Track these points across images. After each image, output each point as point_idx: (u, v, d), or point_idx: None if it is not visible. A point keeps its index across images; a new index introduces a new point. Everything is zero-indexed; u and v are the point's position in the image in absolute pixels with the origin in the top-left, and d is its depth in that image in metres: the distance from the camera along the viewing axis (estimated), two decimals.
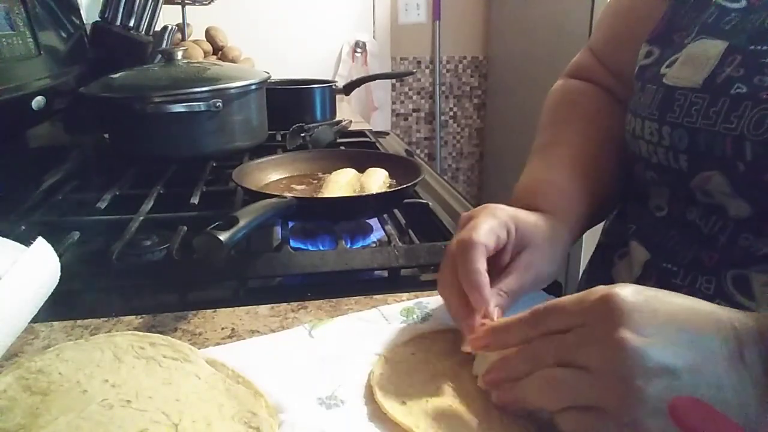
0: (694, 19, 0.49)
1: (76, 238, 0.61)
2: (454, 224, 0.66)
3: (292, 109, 1.19)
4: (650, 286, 0.49)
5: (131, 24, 1.03)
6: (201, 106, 0.83)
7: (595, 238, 0.63)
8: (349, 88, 1.44)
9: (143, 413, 0.34)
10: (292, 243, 0.62)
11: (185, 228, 0.62)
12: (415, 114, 2.66)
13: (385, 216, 0.69)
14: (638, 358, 0.29)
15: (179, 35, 1.70)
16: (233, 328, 0.47)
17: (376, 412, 0.37)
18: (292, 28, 2.28)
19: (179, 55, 0.92)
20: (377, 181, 0.73)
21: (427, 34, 2.54)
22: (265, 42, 2.15)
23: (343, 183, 0.72)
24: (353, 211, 0.68)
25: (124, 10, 1.02)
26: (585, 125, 0.59)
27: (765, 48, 0.42)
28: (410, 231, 0.67)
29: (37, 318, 0.44)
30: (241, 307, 0.50)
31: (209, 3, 1.79)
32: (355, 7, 2.38)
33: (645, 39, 0.53)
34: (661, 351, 0.30)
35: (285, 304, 0.50)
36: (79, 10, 0.99)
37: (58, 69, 0.85)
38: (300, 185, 0.77)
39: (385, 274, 0.58)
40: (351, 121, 1.22)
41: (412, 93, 2.63)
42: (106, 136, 0.95)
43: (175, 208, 0.71)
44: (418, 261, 0.58)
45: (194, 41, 1.76)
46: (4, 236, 0.45)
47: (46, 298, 0.44)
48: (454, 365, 0.41)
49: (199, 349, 0.42)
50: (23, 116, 0.76)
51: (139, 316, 0.49)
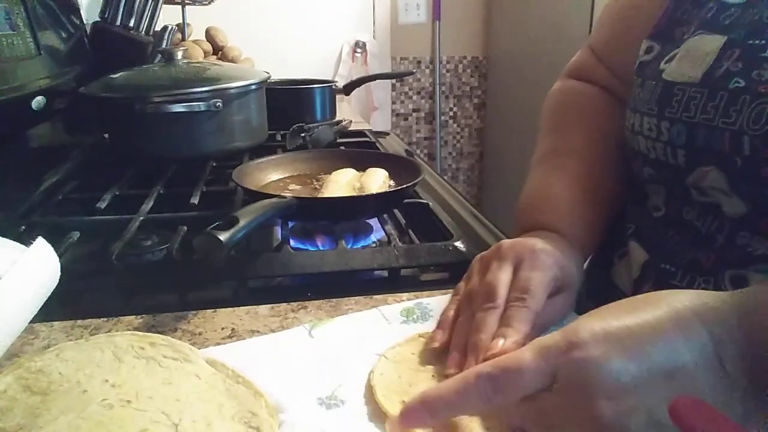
0: (694, 15, 0.49)
1: (76, 238, 0.61)
2: (454, 224, 0.66)
3: (292, 109, 1.19)
4: (649, 287, 0.49)
5: (131, 24, 1.03)
6: (201, 106, 0.83)
7: None
8: (349, 88, 1.45)
9: (143, 413, 0.34)
10: (292, 243, 0.62)
11: (185, 228, 0.62)
12: (415, 114, 2.66)
13: (385, 216, 0.69)
14: (624, 420, 0.29)
15: (179, 35, 1.70)
16: (233, 328, 0.47)
17: (376, 412, 0.37)
18: (292, 28, 2.28)
19: (179, 55, 0.92)
20: (377, 181, 0.73)
21: (427, 34, 2.54)
22: (265, 42, 2.15)
23: (343, 183, 0.72)
24: (353, 211, 0.68)
25: (124, 10, 1.02)
26: (588, 130, 0.59)
27: (763, 42, 0.42)
28: (410, 231, 0.67)
29: (37, 318, 0.44)
30: (241, 307, 0.50)
31: (209, 3, 1.79)
32: (355, 7, 2.38)
33: (646, 36, 0.53)
34: (642, 407, 0.29)
35: (285, 304, 0.50)
36: (79, 10, 0.99)
37: (58, 69, 0.85)
38: (300, 185, 0.77)
39: (385, 274, 0.58)
40: (351, 121, 1.22)
41: (412, 93, 2.63)
42: (106, 136, 0.95)
43: (175, 208, 0.71)
44: (418, 261, 0.58)
45: (194, 41, 1.76)
46: (4, 236, 0.45)
47: (46, 298, 0.44)
48: None
49: (199, 349, 0.42)
50: (23, 116, 0.76)
51: (139, 316, 0.49)
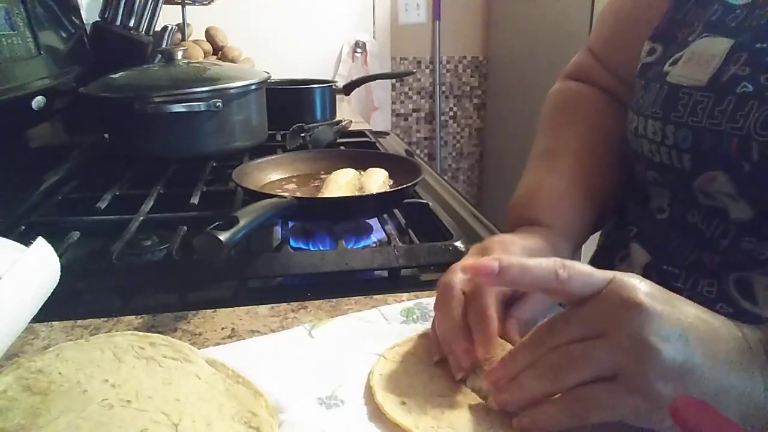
0: (698, 16, 0.48)
1: (76, 238, 0.61)
2: (454, 224, 0.66)
3: (292, 109, 1.19)
4: None
5: (131, 24, 1.03)
6: (201, 106, 0.83)
7: (596, 239, 0.63)
8: (349, 88, 1.45)
9: (143, 413, 0.34)
10: (292, 243, 0.62)
11: (185, 228, 0.62)
12: (415, 114, 2.66)
13: (385, 216, 0.69)
14: (670, 363, 0.30)
15: (179, 35, 1.70)
16: (233, 328, 0.47)
17: (376, 412, 0.37)
18: (292, 28, 2.28)
19: (179, 55, 0.92)
20: (377, 181, 0.73)
21: (427, 34, 2.54)
22: (265, 42, 2.15)
23: (343, 183, 0.72)
24: (353, 211, 0.68)
25: (124, 10, 1.02)
26: (584, 129, 0.58)
27: None
28: (410, 231, 0.67)
29: (37, 318, 0.44)
30: (241, 307, 0.50)
31: (209, 3, 1.79)
32: (355, 7, 2.38)
33: (647, 37, 0.52)
34: (683, 353, 0.30)
35: (285, 304, 0.50)
36: (79, 10, 0.99)
37: (58, 69, 0.85)
38: (300, 185, 0.77)
39: (385, 274, 0.58)
40: (351, 121, 1.22)
41: (412, 93, 2.63)
42: (106, 136, 0.95)
43: (175, 208, 0.71)
44: (418, 261, 0.58)
45: (194, 41, 1.76)
46: (4, 236, 0.45)
47: (46, 298, 0.44)
48: None
49: (199, 349, 0.42)
50: (23, 116, 0.76)
51: (139, 316, 0.49)
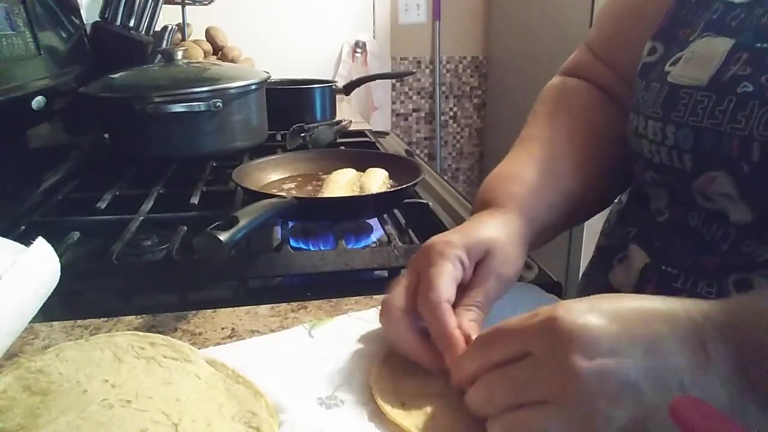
0: (699, 15, 0.47)
1: (76, 238, 0.61)
2: (454, 224, 0.66)
3: (292, 109, 1.19)
4: (649, 291, 0.49)
5: (131, 24, 1.03)
6: (201, 106, 0.83)
7: (595, 240, 0.63)
8: (349, 88, 1.45)
9: (143, 413, 0.34)
10: (292, 243, 0.62)
11: (185, 228, 0.62)
12: (415, 114, 2.66)
13: (385, 216, 0.69)
14: (596, 384, 0.29)
15: (179, 35, 1.70)
16: (233, 328, 0.47)
17: (376, 412, 0.37)
18: (292, 28, 2.28)
19: (179, 55, 0.92)
20: (377, 181, 0.73)
21: (427, 34, 2.54)
22: (265, 42, 2.15)
23: (343, 183, 0.72)
24: (353, 211, 0.68)
25: (124, 10, 1.02)
26: (569, 122, 0.57)
27: None
28: (410, 231, 0.67)
29: (37, 318, 0.44)
30: (241, 307, 0.50)
31: (209, 3, 1.79)
32: (355, 7, 2.38)
33: (648, 35, 0.52)
34: (618, 370, 0.29)
35: (285, 304, 0.50)
36: (79, 10, 0.99)
37: (58, 69, 0.85)
38: (300, 185, 0.77)
39: (385, 274, 0.58)
40: (351, 121, 1.22)
41: (412, 93, 2.63)
42: (106, 136, 0.96)
43: (175, 208, 0.71)
44: None
45: (194, 41, 1.76)
46: (3, 236, 0.45)
47: (46, 298, 0.44)
48: None
49: (199, 349, 0.42)
50: (23, 116, 0.76)
51: (139, 316, 0.49)
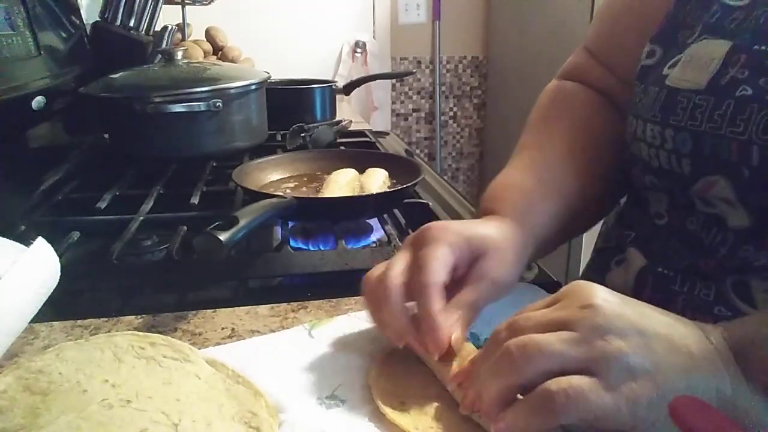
0: (697, 17, 0.47)
1: (76, 238, 0.61)
2: None
3: (292, 109, 1.19)
4: (646, 293, 0.48)
5: (131, 24, 1.03)
6: (201, 106, 0.83)
7: (593, 242, 0.62)
8: (349, 88, 1.45)
9: (143, 413, 0.34)
10: (292, 243, 0.62)
11: (185, 228, 0.62)
12: (415, 114, 2.66)
13: (385, 216, 0.69)
14: (612, 316, 0.31)
15: (179, 35, 1.70)
16: (233, 328, 0.47)
17: (376, 412, 0.37)
18: (292, 28, 2.28)
19: (179, 55, 0.92)
20: (377, 181, 0.73)
21: (427, 34, 2.54)
22: (265, 42, 2.15)
23: (343, 183, 0.72)
24: (353, 211, 0.68)
25: (124, 10, 1.02)
26: (568, 128, 0.57)
27: None
28: (410, 231, 0.67)
29: (37, 318, 0.44)
30: (241, 307, 0.50)
31: (209, 3, 1.79)
32: (355, 7, 2.38)
33: (647, 38, 0.52)
34: (644, 345, 0.31)
35: (285, 304, 0.50)
36: (79, 10, 0.99)
37: (58, 69, 0.85)
38: (300, 185, 0.77)
39: None
40: (351, 121, 1.22)
41: (412, 93, 2.63)
42: (106, 136, 0.95)
43: (175, 208, 0.71)
44: None
45: (194, 41, 1.76)
46: (3, 236, 0.45)
47: (46, 298, 0.44)
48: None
49: (199, 349, 0.42)
50: (23, 116, 0.76)
51: (139, 316, 0.49)
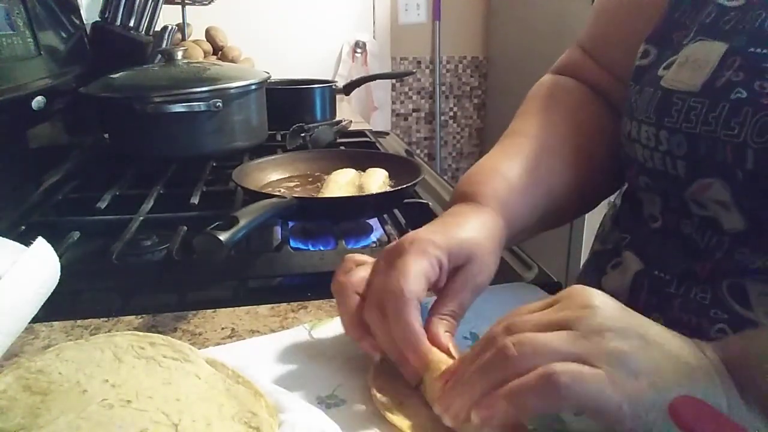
0: (693, 18, 0.47)
1: (76, 238, 0.61)
2: None
3: (292, 109, 1.19)
4: (642, 296, 0.48)
5: (131, 24, 1.03)
6: (201, 106, 0.83)
7: (590, 244, 0.62)
8: (349, 88, 1.45)
9: (143, 413, 0.34)
10: (292, 243, 0.62)
11: (185, 228, 0.62)
12: (415, 114, 2.66)
13: (385, 216, 0.69)
14: (608, 315, 0.31)
15: (179, 35, 1.70)
16: (233, 328, 0.47)
17: (376, 412, 0.37)
18: (292, 28, 2.28)
19: (179, 55, 0.92)
20: (377, 181, 0.73)
21: (427, 34, 2.54)
22: (265, 42, 2.15)
23: (343, 183, 0.72)
24: (353, 211, 0.68)
25: (124, 10, 1.02)
26: (558, 119, 0.56)
27: (765, 51, 0.40)
28: (410, 231, 0.67)
29: (37, 318, 0.44)
30: (241, 307, 0.50)
31: (209, 3, 1.79)
32: (355, 7, 2.38)
33: (643, 36, 0.52)
34: (632, 323, 0.31)
35: (285, 304, 0.50)
36: (79, 10, 0.99)
37: (58, 69, 0.85)
38: (300, 185, 0.77)
39: None
40: (351, 121, 1.22)
41: (412, 93, 2.63)
42: (106, 136, 0.96)
43: (175, 208, 0.71)
44: None
45: (194, 41, 1.76)
46: (4, 236, 0.45)
47: (46, 298, 0.44)
48: None
49: (199, 349, 0.42)
50: (23, 116, 0.76)
51: (139, 316, 0.49)
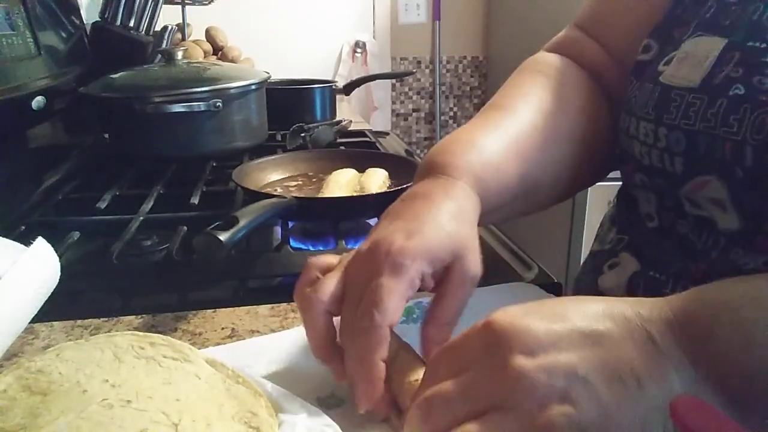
0: (693, 13, 0.46)
1: (76, 238, 0.61)
2: None
3: (292, 109, 1.19)
4: (640, 295, 0.48)
5: (131, 24, 1.03)
6: (201, 106, 0.83)
7: (589, 244, 0.62)
8: (349, 88, 1.45)
9: (143, 413, 0.34)
10: (292, 243, 0.62)
11: (185, 228, 0.62)
12: (415, 114, 2.66)
13: None
14: (543, 382, 0.27)
15: (179, 35, 1.70)
16: (233, 328, 0.47)
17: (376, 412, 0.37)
18: (292, 28, 2.28)
19: (179, 55, 0.92)
20: (377, 181, 0.73)
21: (427, 34, 2.54)
22: (265, 42, 2.15)
23: (343, 183, 0.72)
24: (353, 211, 0.68)
25: (124, 10, 1.02)
26: (540, 94, 0.54)
27: (764, 46, 0.40)
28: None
29: (37, 318, 0.44)
30: (241, 307, 0.50)
31: (209, 3, 1.79)
32: (355, 7, 2.38)
33: (644, 16, 0.51)
34: (563, 364, 0.28)
35: (285, 304, 0.50)
36: (79, 10, 0.99)
37: (58, 69, 0.85)
38: (300, 185, 0.77)
39: None
40: (351, 121, 1.22)
41: (412, 93, 2.63)
42: (106, 136, 0.96)
43: (175, 208, 0.71)
44: None
45: (194, 41, 1.76)
46: (4, 236, 0.45)
47: (46, 298, 0.44)
48: None
49: (199, 349, 0.42)
50: (23, 116, 0.76)
51: (139, 316, 0.49)
